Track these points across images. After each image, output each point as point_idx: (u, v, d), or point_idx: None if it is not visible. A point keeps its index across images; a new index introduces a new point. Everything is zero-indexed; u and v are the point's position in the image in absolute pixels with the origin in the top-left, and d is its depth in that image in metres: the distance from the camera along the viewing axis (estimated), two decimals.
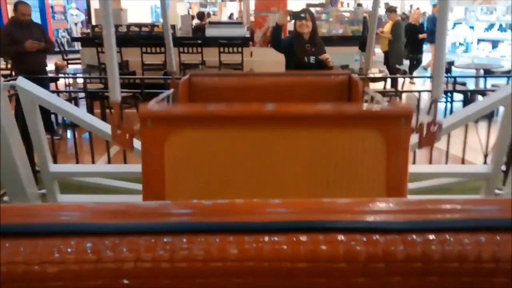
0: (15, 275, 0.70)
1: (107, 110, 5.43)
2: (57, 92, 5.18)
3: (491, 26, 13.61)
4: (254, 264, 0.71)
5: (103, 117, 5.27)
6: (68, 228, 0.74)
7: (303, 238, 0.72)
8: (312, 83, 2.65)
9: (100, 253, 0.71)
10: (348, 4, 14.23)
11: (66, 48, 18.55)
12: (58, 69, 6.50)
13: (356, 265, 0.72)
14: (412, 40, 9.87)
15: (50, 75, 6.29)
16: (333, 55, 8.02)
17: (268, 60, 7.14)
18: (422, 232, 0.72)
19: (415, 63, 10.22)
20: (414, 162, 3.95)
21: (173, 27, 8.65)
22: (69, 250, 0.71)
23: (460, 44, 14.14)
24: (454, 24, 13.96)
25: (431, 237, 0.71)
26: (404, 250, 0.71)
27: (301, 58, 4.05)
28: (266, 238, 0.72)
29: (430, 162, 3.87)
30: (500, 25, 13.49)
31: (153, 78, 4.85)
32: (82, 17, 19.36)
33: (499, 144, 3.06)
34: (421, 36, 9.86)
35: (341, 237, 0.72)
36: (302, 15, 3.87)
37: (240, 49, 8.09)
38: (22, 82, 2.72)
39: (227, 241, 0.72)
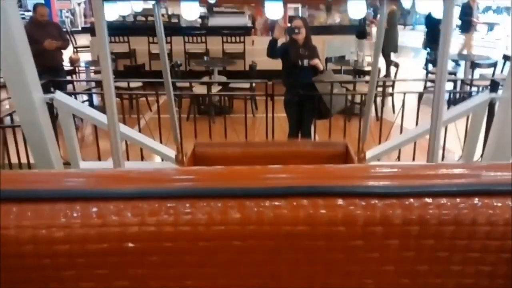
0: (24, 238, 0.72)
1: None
2: (74, 94, 5.64)
3: (487, 8, 13.82)
4: (255, 228, 0.72)
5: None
6: (73, 194, 0.75)
7: (303, 202, 0.72)
8: (311, 153, 2.87)
9: (105, 217, 0.72)
10: None
11: (70, 28, 18.76)
12: (73, 62, 6.93)
13: (354, 229, 0.73)
14: (432, 30, 9.37)
15: (66, 68, 6.74)
16: (331, 43, 8.41)
17: None
18: (419, 196, 0.73)
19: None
20: (398, 157, 4.42)
21: (178, 16, 9.00)
22: (74, 214, 0.72)
23: (457, 26, 14.36)
24: None
25: (428, 201, 0.72)
26: (402, 214, 0.72)
27: (295, 62, 4.50)
28: (267, 203, 0.73)
29: (413, 158, 4.33)
30: (497, 7, 13.68)
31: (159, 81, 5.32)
32: None
33: (469, 142, 3.51)
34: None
35: (340, 201, 0.73)
36: (296, 30, 4.32)
37: (242, 39, 8.45)
38: (60, 95, 3.19)
39: (229, 205, 0.73)
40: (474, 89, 6.68)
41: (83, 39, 13.71)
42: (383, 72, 8.37)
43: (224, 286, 0.79)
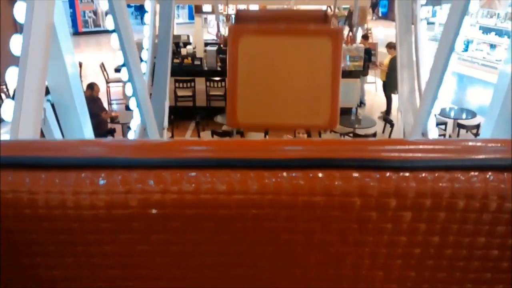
0: (53, 203, 0.75)
1: None
2: None
3: (489, 29, 14.31)
4: (273, 197, 0.74)
5: None
6: (98, 162, 0.76)
7: (319, 174, 0.74)
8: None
9: (130, 185, 0.74)
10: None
11: (93, 27, 19.96)
12: (113, 119, 7.75)
13: (368, 200, 0.74)
14: None
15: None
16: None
17: None
18: (432, 170, 0.74)
19: None
20: None
21: (200, 60, 10.00)
22: (100, 182, 0.74)
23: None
24: None
25: (442, 174, 0.73)
26: (415, 187, 0.73)
27: None
28: (284, 174, 0.74)
29: None
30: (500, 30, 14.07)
31: None
32: None
33: None
34: None
35: (355, 173, 0.74)
36: None
37: None
38: None
39: (248, 176, 0.74)
40: None
41: (105, 39, 14.66)
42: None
43: (241, 252, 0.83)
